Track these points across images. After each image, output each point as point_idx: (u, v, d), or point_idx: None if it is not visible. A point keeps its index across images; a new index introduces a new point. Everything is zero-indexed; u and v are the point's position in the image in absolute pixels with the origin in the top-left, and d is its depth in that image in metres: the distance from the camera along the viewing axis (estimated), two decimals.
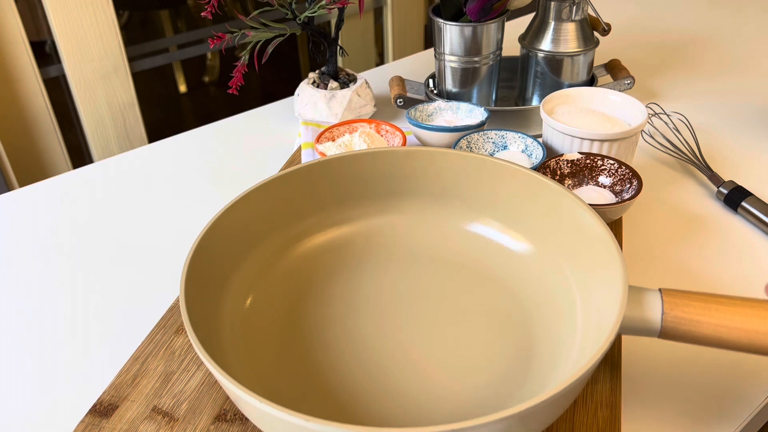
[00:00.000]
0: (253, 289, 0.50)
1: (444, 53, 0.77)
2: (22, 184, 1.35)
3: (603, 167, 0.60)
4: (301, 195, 0.53)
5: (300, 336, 0.48)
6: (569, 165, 0.61)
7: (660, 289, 0.40)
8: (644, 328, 0.39)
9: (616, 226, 0.60)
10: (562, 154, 0.61)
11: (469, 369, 0.45)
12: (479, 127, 0.67)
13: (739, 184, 0.66)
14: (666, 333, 0.39)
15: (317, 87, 0.80)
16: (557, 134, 0.63)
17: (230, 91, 0.72)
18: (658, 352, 0.49)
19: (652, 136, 0.74)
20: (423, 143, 0.69)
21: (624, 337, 0.50)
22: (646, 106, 0.81)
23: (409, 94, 0.82)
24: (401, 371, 0.45)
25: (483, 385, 0.44)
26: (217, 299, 0.46)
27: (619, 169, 0.60)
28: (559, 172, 0.60)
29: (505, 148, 0.66)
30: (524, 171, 0.51)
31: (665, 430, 0.43)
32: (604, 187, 0.60)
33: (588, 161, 0.61)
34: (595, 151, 0.62)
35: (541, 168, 0.60)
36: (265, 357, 0.46)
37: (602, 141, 0.61)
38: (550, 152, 0.65)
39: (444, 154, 0.53)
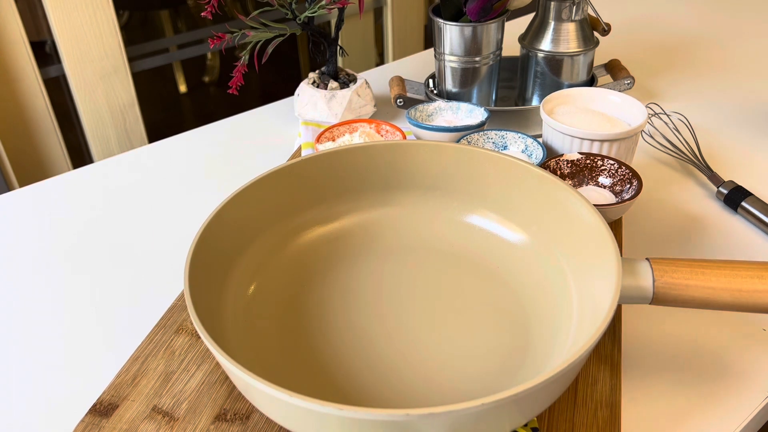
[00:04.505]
0: (256, 277, 0.51)
1: (444, 53, 0.77)
2: (22, 184, 1.35)
3: (603, 167, 0.60)
4: (301, 188, 0.54)
5: (301, 323, 0.48)
6: (569, 165, 0.61)
7: (647, 258, 0.43)
8: (638, 295, 0.42)
9: (616, 226, 0.60)
10: (562, 155, 0.61)
11: (466, 356, 0.46)
12: (479, 127, 0.67)
13: (739, 184, 0.66)
14: (658, 298, 0.42)
15: (317, 87, 0.80)
16: (557, 134, 0.63)
17: (230, 91, 0.72)
18: (658, 352, 0.49)
19: (652, 136, 0.74)
20: None
21: (624, 338, 0.50)
22: (646, 106, 0.81)
23: (409, 94, 0.83)
24: (399, 358, 0.45)
25: (479, 372, 0.44)
26: (221, 287, 0.47)
27: (619, 170, 0.60)
28: (559, 173, 0.60)
29: (505, 148, 0.66)
30: (518, 163, 0.51)
31: (665, 430, 0.44)
32: (604, 187, 0.60)
33: (588, 161, 0.61)
34: (595, 151, 0.62)
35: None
36: (266, 343, 0.46)
37: (602, 141, 0.61)
38: (550, 152, 0.65)
39: (439, 147, 0.54)
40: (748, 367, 0.48)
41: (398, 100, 0.78)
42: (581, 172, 0.61)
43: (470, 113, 0.72)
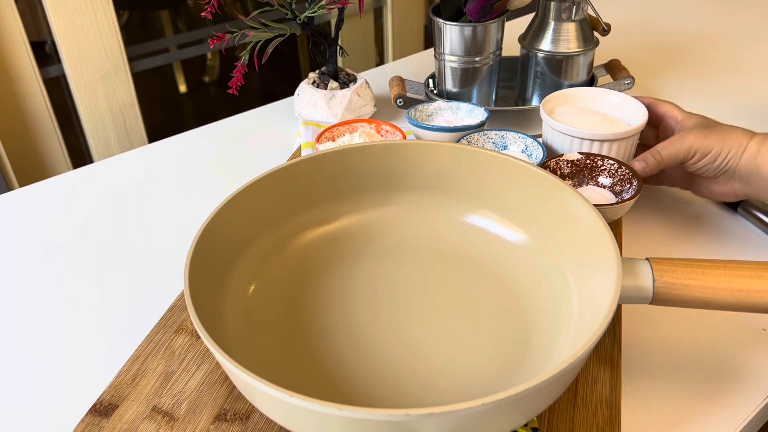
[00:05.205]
0: (256, 278, 0.51)
1: (444, 53, 0.77)
2: (22, 184, 1.35)
3: (603, 167, 0.60)
4: (301, 188, 0.54)
5: (301, 323, 0.48)
6: (569, 165, 0.61)
7: (647, 258, 0.42)
8: (638, 295, 0.42)
9: (616, 227, 0.60)
10: (562, 155, 0.61)
11: (466, 356, 0.46)
12: (479, 127, 0.67)
13: None
14: (658, 298, 0.42)
15: (317, 87, 0.80)
16: (557, 134, 0.63)
17: (230, 91, 0.72)
18: (658, 351, 0.49)
19: None
20: None
21: (624, 337, 0.50)
22: None
23: (409, 94, 0.83)
24: (399, 358, 0.45)
25: (479, 372, 0.44)
26: (221, 287, 0.47)
27: (619, 170, 0.60)
28: (558, 173, 0.60)
29: (505, 148, 0.66)
30: (518, 163, 0.51)
31: (665, 430, 0.43)
32: (604, 187, 0.60)
33: (588, 161, 0.61)
34: (595, 151, 0.62)
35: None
36: (266, 343, 0.46)
37: (602, 141, 0.61)
38: (550, 152, 0.65)
39: (439, 147, 0.54)
40: (748, 367, 0.48)
41: (398, 100, 0.78)
42: (581, 172, 0.61)
43: (470, 113, 0.72)
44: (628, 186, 0.58)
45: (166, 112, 2.25)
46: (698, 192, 0.62)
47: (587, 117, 0.65)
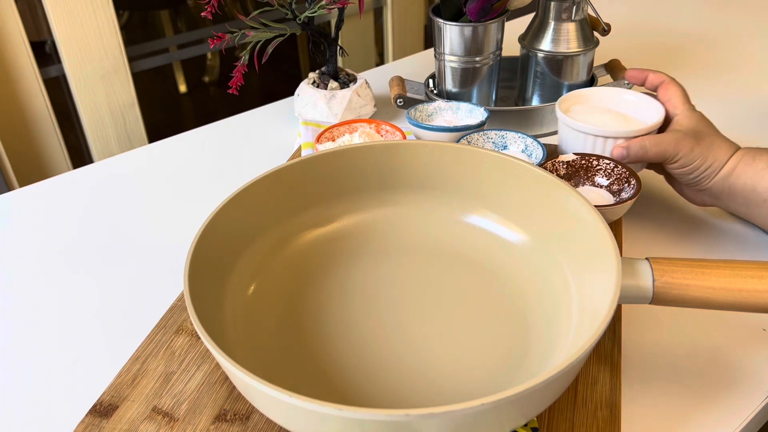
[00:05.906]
0: (256, 278, 0.51)
1: (444, 53, 0.77)
2: (22, 184, 1.35)
3: (599, 167, 0.60)
4: (300, 188, 0.54)
5: (301, 323, 0.48)
6: (565, 166, 0.61)
7: (647, 258, 0.42)
8: (638, 295, 0.42)
9: (616, 227, 0.60)
10: (557, 156, 0.61)
11: (465, 356, 0.46)
12: (479, 127, 0.68)
13: None
14: (658, 298, 0.42)
15: (317, 87, 0.80)
16: (574, 132, 0.62)
17: (230, 91, 0.72)
18: (658, 352, 0.49)
19: None
20: None
21: (624, 338, 0.50)
22: None
23: (409, 94, 0.83)
24: (399, 359, 0.45)
25: (478, 372, 0.44)
26: (221, 287, 0.47)
27: (615, 169, 0.59)
28: (555, 174, 0.60)
29: (505, 148, 0.66)
30: (518, 162, 0.51)
31: (665, 430, 0.43)
32: (601, 187, 0.60)
33: (583, 162, 0.61)
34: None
35: None
36: (266, 343, 0.46)
37: (616, 138, 0.60)
38: (566, 152, 0.64)
39: (439, 147, 0.54)
40: (748, 367, 0.48)
41: (398, 100, 0.78)
42: (577, 173, 0.61)
43: (470, 113, 0.72)
44: (627, 185, 0.58)
45: (166, 112, 2.26)
46: (671, 184, 0.63)
47: (603, 116, 0.64)
